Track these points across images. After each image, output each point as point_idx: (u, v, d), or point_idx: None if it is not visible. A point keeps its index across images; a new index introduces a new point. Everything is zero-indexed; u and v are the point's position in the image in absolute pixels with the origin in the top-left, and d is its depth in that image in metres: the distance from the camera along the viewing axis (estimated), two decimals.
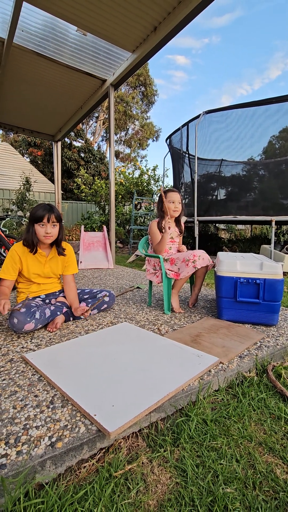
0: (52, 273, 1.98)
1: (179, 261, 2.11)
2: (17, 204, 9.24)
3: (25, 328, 1.66)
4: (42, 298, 1.99)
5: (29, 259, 1.89)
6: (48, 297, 2.01)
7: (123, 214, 8.53)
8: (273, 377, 1.34)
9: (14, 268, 1.85)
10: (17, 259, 1.85)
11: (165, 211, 2.22)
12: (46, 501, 0.76)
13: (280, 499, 0.79)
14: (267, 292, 1.81)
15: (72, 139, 15.26)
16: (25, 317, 1.66)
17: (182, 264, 2.08)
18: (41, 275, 1.94)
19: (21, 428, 0.94)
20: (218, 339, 1.65)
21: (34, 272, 1.90)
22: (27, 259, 1.88)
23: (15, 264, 1.85)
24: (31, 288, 1.95)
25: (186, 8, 2.96)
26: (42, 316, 1.76)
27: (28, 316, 1.67)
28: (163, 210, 2.24)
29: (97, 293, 2.18)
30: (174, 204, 2.28)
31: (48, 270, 1.95)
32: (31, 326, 1.68)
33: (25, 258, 1.87)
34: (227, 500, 0.77)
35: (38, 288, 1.98)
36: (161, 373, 1.25)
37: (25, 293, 1.95)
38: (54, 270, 1.99)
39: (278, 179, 5.56)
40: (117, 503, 0.77)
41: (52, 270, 1.97)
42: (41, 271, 1.93)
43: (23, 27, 3.59)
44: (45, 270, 1.94)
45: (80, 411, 1.02)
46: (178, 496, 0.80)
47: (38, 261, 1.91)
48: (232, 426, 1.06)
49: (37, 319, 1.72)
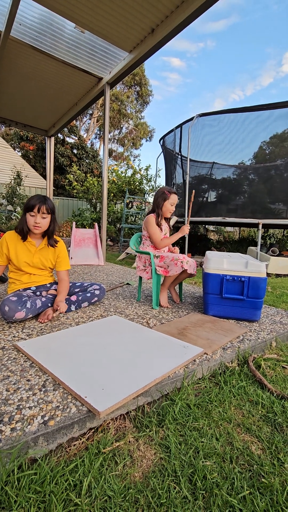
0: (41, 264, 2.00)
1: (168, 259, 2.18)
2: (7, 198, 9.11)
3: (16, 316, 1.69)
4: (33, 290, 2.02)
5: (19, 247, 1.91)
6: (38, 289, 2.04)
7: (115, 213, 8.56)
8: (253, 367, 1.43)
9: (1, 255, 1.89)
10: (5, 245, 1.89)
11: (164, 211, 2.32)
12: (38, 472, 0.81)
13: (254, 471, 0.87)
14: (251, 289, 1.91)
15: (65, 135, 15.13)
16: (16, 306, 1.69)
17: (171, 262, 2.16)
18: (31, 264, 1.96)
19: (15, 408, 0.99)
20: (203, 332, 1.73)
21: (24, 260, 1.92)
22: (16, 246, 1.90)
23: (3, 250, 1.89)
24: (22, 278, 1.98)
25: (184, 13, 3.04)
26: (33, 306, 1.80)
27: (19, 305, 1.71)
28: (162, 209, 2.32)
29: (88, 287, 2.23)
30: (173, 206, 2.36)
31: (38, 260, 1.97)
32: (21, 314, 1.71)
33: (14, 245, 1.90)
34: (206, 471, 0.84)
35: (28, 279, 2.00)
36: (149, 361, 1.31)
37: (16, 283, 1.97)
38: (44, 262, 2.01)
39: (267, 183, 5.74)
40: (105, 474, 0.83)
41: (41, 261, 1.99)
42: (30, 260, 1.95)
43: (21, 20, 3.58)
44: (34, 259, 1.96)
45: (71, 393, 1.08)
46: (162, 469, 0.86)
47: (28, 250, 1.93)
48: (213, 410, 1.14)
49: (28, 308, 1.75)
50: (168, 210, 2.34)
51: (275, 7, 63.00)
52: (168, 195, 2.32)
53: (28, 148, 14.12)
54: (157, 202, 2.34)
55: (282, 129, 5.48)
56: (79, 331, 1.66)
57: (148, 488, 0.80)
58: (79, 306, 2.12)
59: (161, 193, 2.33)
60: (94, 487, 0.79)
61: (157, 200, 2.34)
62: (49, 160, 7.26)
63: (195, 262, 2.22)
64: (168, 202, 2.32)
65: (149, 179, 8.69)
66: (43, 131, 7.18)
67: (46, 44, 4.02)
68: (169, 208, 2.34)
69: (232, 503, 0.76)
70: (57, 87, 5.05)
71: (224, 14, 42.39)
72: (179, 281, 2.40)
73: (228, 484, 0.81)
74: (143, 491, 0.79)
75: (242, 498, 0.78)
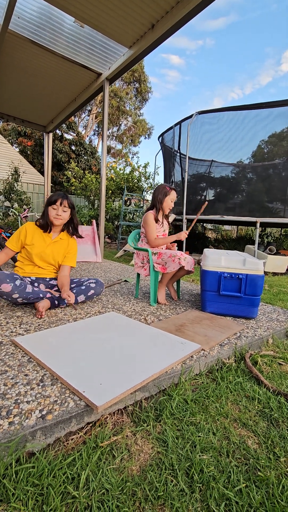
0: (52, 257, 2.07)
1: (166, 256, 2.18)
2: (4, 194, 9.05)
3: (2, 288, 1.73)
4: (32, 280, 2.05)
5: (36, 236, 2.05)
6: (37, 280, 2.07)
7: (113, 210, 8.53)
8: (250, 363, 1.44)
9: (17, 240, 2.03)
10: (24, 233, 2.03)
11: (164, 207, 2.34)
12: (36, 466, 0.81)
13: (250, 465, 0.88)
14: (249, 286, 1.92)
15: (63, 131, 15.03)
16: (5, 278, 1.75)
17: (168, 259, 2.16)
18: (41, 255, 2.04)
19: (12, 402, 0.99)
20: (201, 329, 1.74)
21: (36, 250, 2.02)
22: (34, 234, 2.05)
23: (20, 237, 2.02)
24: (25, 268, 2.06)
25: (184, 8, 3.02)
26: (22, 287, 1.81)
27: (7, 278, 1.76)
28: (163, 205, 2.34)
29: (84, 282, 2.23)
30: (172, 202, 2.37)
31: (49, 252, 2.06)
32: (7, 287, 1.74)
33: (32, 233, 2.05)
34: (203, 464, 0.85)
35: (31, 270, 2.06)
36: (147, 357, 1.32)
37: (19, 271, 2.05)
38: (55, 255, 2.09)
39: (265, 182, 5.75)
40: (103, 468, 0.84)
41: (52, 253, 2.07)
42: (43, 250, 2.04)
43: (19, 14, 3.54)
44: (47, 250, 2.05)
45: (69, 388, 1.08)
46: (159, 462, 0.87)
47: (43, 240, 2.06)
48: (210, 405, 1.14)
49: (16, 285, 1.78)
50: (168, 206, 2.36)
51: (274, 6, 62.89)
52: (169, 191, 2.34)
53: (26, 144, 14.02)
54: (158, 198, 2.34)
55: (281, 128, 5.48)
56: (77, 327, 1.66)
57: (145, 481, 0.80)
58: (75, 301, 2.12)
59: (162, 189, 2.35)
60: (91, 480, 0.79)
61: (158, 196, 2.34)
62: (47, 156, 7.22)
63: (193, 260, 2.23)
64: (169, 198, 2.33)
65: (147, 176, 8.67)
66: (41, 126, 7.13)
67: (45, 38, 3.98)
68: (169, 204, 2.36)
69: (229, 495, 0.76)
70: (56, 82, 5.01)
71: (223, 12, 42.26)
72: (177, 278, 2.40)
73: (225, 477, 0.82)
74: (140, 484, 0.79)
75: (239, 491, 0.78)
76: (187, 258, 2.14)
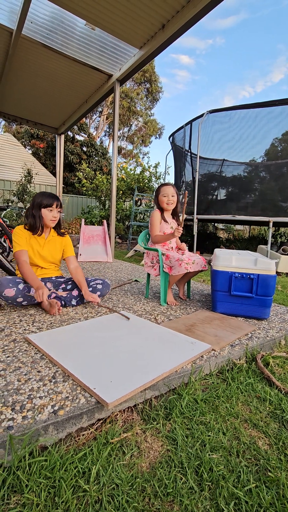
0: (50, 255, 2.11)
1: (174, 259, 2.15)
2: (17, 196, 9.25)
3: (5, 292, 1.77)
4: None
5: (30, 239, 2.06)
6: (43, 281, 2.12)
7: (123, 210, 8.58)
8: (262, 364, 1.42)
9: (24, 240, 2.00)
10: (22, 234, 2.01)
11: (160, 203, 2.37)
12: (49, 459, 0.83)
13: (260, 465, 0.87)
14: (260, 287, 1.89)
15: (75, 133, 15.22)
16: (8, 283, 1.78)
17: (175, 262, 2.13)
18: (42, 255, 2.08)
19: (26, 397, 1.02)
20: (211, 329, 1.73)
21: (35, 251, 2.05)
22: (28, 238, 2.05)
23: (23, 237, 2.00)
24: None
25: (195, 8, 3.01)
26: (26, 290, 1.86)
27: (10, 283, 1.80)
28: (158, 202, 2.37)
29: (91, 282, 2.24)
30: (167, 197, 2.35)
31: (47, 251, 2.10)
32: (11, 292, 1.78)
33: (28, 237, 2.05)
34: (213, 463, 0.85)
35: (35, 272, 2.09)
36: (157, 356, 1.33)
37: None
38: (53, 252, 2.13)
39: (278, 181, 5.63)
40: (113, 463, 0.85)
41: (50, 252, 2.11)
42: (41, 251, 2.08)
43: (32, 19, 3.62)
44: (43, 252, 2.08)
45: (80, 385, 1.10)
46: (168, 460, 0.88)
47: (37, 242, 2.07)
48: (220, 405, 1.14)
49: (19, 289, 1.82)
50: (162, 202, 2.37)
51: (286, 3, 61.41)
52: (160, 187, 2.38)
53: (39, 146, 14.28)
54: (154, 200, 2.46)
55: None
56: (88, 326, 1.69)
57: (155, 478, 0.81)
58: (81, 301, 2.14)
59: (156, 189, 2.43)
60: (102, 475, 0.81)
61: (154, 198, 2.45)
62: (59, 157, 7.33)
63: (204, 259, 2.21)
64: (161, 194, 2.37)
65: (158, 176, 8.66)
66: (53, 128, 7.25)
67: (57, 41, 4.05)
68: (163, 199, 2.36)
69: (238, 495, 0.76)
70: (68, 84, 5.09)
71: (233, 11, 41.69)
72: (188, 278, 2.40)
73: (234, 476, 0.82)
74: (150, 480, 0.80)
75: (248, 490, 0.78)
76: (195, 261, 2.13)
